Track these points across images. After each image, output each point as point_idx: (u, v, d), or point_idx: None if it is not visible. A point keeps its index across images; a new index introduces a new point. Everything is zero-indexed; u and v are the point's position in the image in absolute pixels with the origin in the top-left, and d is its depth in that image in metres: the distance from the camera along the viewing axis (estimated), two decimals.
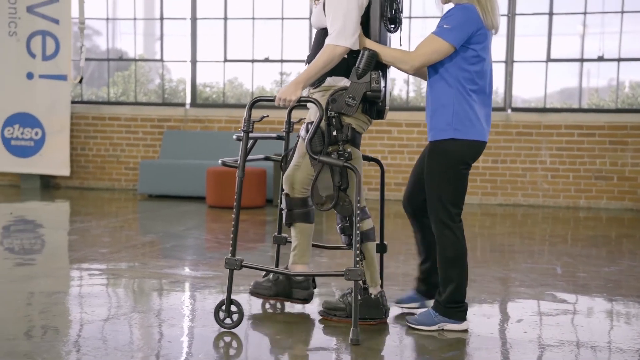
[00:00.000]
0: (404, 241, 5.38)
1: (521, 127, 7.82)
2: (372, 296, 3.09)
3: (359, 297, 2.94)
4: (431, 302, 3.14)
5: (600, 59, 7.90)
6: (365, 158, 3.36)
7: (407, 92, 8.28)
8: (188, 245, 5.08)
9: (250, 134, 3.01)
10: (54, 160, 8.32)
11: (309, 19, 8.20)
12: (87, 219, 6.10)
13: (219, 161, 3.20)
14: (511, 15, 7.87)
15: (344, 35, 2.87)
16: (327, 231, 5.88)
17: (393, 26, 3.04)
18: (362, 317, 2.99)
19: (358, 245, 2.85)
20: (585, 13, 7.87)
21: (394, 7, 3.01)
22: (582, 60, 7.98)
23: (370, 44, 2.93)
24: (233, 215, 3.02)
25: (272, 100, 2.97)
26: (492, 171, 7.88)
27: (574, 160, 7.74)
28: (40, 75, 8.19)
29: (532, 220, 6.74)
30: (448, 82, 2.85)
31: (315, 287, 3.38)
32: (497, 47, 7.97)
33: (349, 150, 2.91)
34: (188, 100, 8.61)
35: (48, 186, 8.59)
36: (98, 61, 9.23)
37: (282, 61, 8.40)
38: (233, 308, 2.98)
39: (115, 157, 8.61)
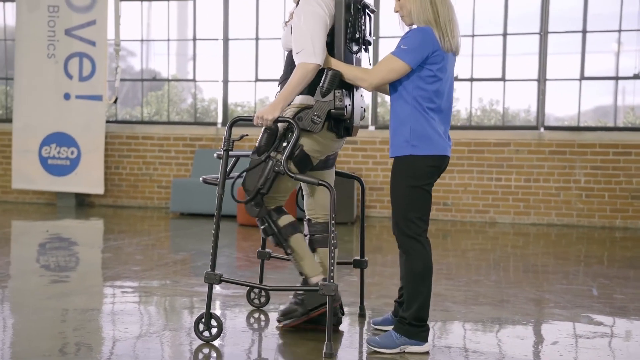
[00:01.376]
0: (436, 260, 5.32)
1: (554, 146, 7.72)
2: (315, 285, 3.12)
3: (302, 295, 3.13)
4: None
5: (636, 76, 7.77)
6: (345, 175, 3.53)
7: None
8: (219, 263, 5.10)
9: (231, 152, 3.11)
10: (88, 178, 8.47)
11: None
12: (120, 237, 6.18)
13: (200, 179, 3.28)
14: (543, 33, 7.81)
15: (313, 53, 2.98)
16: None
17: (357, 47, 3.14)
18: (313, 308, 3.11)
19: (279, 242, 3.11)
20: (620, 31, 7.78)
21: (359, 29, 3.11)
22: (617, 78, 7.87)
23: (333, 63, 3.03)
24: (213, 231, 3.09)
25: (251, 120, 3.07)
26: (524, 190, 7.78)
27: (609, 179, 7.60)
28: (76, 96, 8.37)
29: (566, 240, 6.62)
30: (406, 100, 2.93)
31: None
32: (530, 65, 7.91)
33: (288, 171, 3.00)
34: (220, 119, 8.71)
35: (83, 204, 8.74)
36: (132, 81, 9.41)
37: None
38: (213, 322, 3.05)
39: (148, 176, 8.73)
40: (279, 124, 3.04)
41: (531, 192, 7.77)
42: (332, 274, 2.89)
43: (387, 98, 8.32)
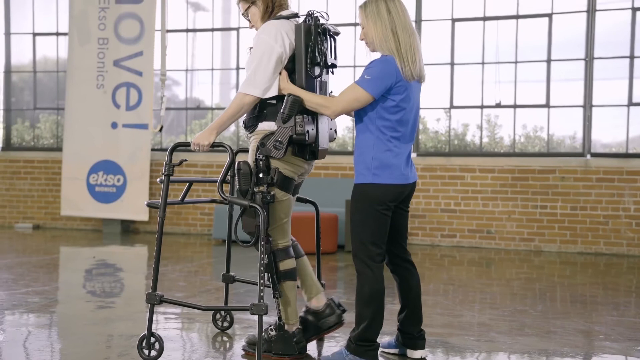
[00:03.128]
0: (480, 289, 5.24)
1: (601, 173, 7.55)
2: (288, 333, 3.21)
3: (274, 333, 3.20)
4: (411, 352, 3.25)
5: None
6: (301, 200, 3.60)
7: (481, 138, 8.18)
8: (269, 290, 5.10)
9: (186, 177, 3.23)
10: (133, 205, 8.63)
11: None
12: (163, 264, 6.26)
13: (145, 203, 3.38)
14: (589, 59, 7.70)
15: (253, 85, 3.05)
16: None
17: (319, 71, 3.17)
18: (277, 352, 3.18)
19: (273, 282, 3.15)
20: None
21: (321, 52, 3.13)
22: None
23: (294, 89, 3.06)
24: (154, 253, 3.15)
25: (189, 146, 3.17)
26: (570, 218, 7.61)
27: None
28: (123, 125, 8.59)
29: (615, 270, 6.42)
30: (369, 129, 2.99)
31: (341, 309, 3.40)
32: (575, 91, 7.79)
33: (272, 192, 3.07)
34: None
35: (128, 231, 8.90)
36: (177, 110, 9.61)
37: None
38: (153, 341, 3.15)
39: (191, 203, 8.84)
40: (250, 163, 3.11)
41: (578, 220, 7.59)
42: (261, 294, 2.97)
43: (428, 124, 8.33)
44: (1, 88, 9.57)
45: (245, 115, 3.22)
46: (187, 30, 9.07)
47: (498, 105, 8.06)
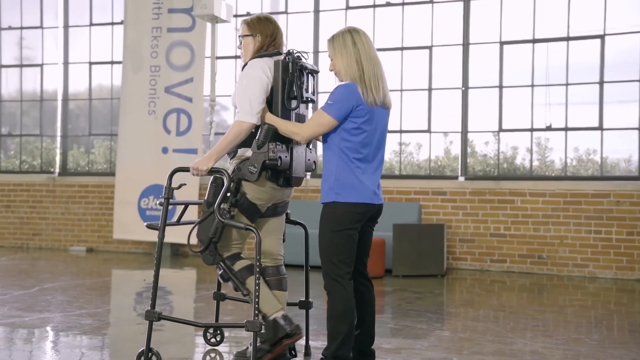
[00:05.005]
0: (532, 316, 5.10)
1: None
2: (272, 320, 3.35)
3: (264, 324, 3.33)
4: None
5: None
6: (291, 222, 3.78)
7: (531, 161, 8.03)
8: (310, 314, 5.09)
9: (183, 200, 3.54)
10: (183, 229, 8.73)
11: (427, 89, 8.26)
12: (212, 287, 6.32)
13: (145, 224, 3.57)
14: None
15: (249, 113, 3.31)
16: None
17: (295, 104, 3.41)
18: (273, 343, 3.32)
19: (236, 285, 3.34)
20: None
21: (297, 87, 3.38)
22: None
23: (270, 118, 3.32)
24: (153, 272, 3.39)
25: (188, 171, 3.39)
26: (627, 244, 7.36)
27: None
28: (174, 150, 8.77)
29: None
30: (333, 150, 3.19)
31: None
32: (629, 113, 7.60)
33: (232, 213, 3.30)
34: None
35: (177, 254, 9.03)
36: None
37: (400, 132, 8.47)
38: (150, 356, 3.31)
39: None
40: (224, 180, 3.30)
41: (635, 246, 7.34)
42: (257, 312, 3.12)
43: (476, 148, 8.24)
44: (59, 115, 9.92)
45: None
46: (236, 57, 9.25)
47: (549, 128, 7.92)
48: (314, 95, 3.59)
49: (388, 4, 8.45)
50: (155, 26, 8.71)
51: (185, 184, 3.63)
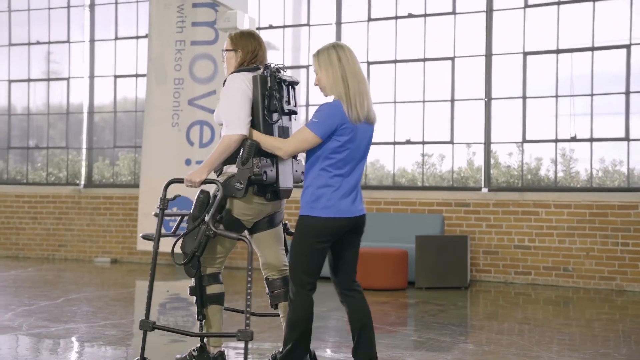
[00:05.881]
0: (557, 330, 5.03)
1: None
2: (209, 355, 3.44)
3: (196, 354, 3.46)
4: None
5: None
6: (290, 234, 3.70)
7: (555, 172, 7.95)
8: (330, 326, 5.08)
9: (178, 212, 3.63)
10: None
11: (450, 100, 8.24)
12: (234, 299, 6.33)
13: (140, 235, 3.58)
14: None
15: (238, 125, 3.36)
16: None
17: (276, 117, 3.45)
18: None
19: (198, 305, 3.45)
20: None
21: (277, 101, 3.42)
22: None
23: (252, 133, 3.39)
24: (148, 282, 3.51)
25: (182, 182, 3.45)
26: None
27: None
28: (197, 162, 8.83)
29: None
30: (315, 166, 3.23)
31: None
32: None
33: (215, 229, 3.34)
34: None
35: None
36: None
37: (423, 143, 8.45)
38: None
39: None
40: (210, 192, 3.39)
41: None
42: (247, 321, 3.22)
43: (500, 159, 8.17)
44: (85, 128, 10.07)
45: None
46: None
47: (573, 139, 7.83)
48: (295, 107, 3.64)
49: (410, 16, 8.46)
50: (179, 39, 8.81)
51: (180, 195, 3.71)
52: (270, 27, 9.22)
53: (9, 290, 6.67)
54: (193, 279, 3.52)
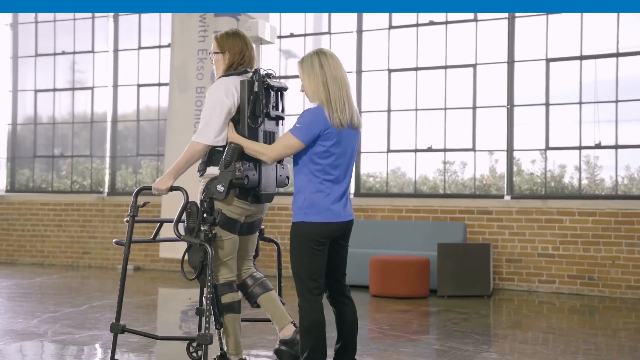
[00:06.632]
0: (583, 339, 4.96)
1: None
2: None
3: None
4: None
5: None
6: (264, 239, 3.90)
7: (579, 180, 7.85)
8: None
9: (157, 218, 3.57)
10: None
11: (472, 108, 8.19)
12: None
13: (113, 241, 3.73)
14: None
15: (204, 134, 3.41)
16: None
17: (259, 120, 3.47)
18: None
19: (215, 314, 3.44)
20: None
21: (263, 105, 3.45)
22: None
23: (237, 138, 3.42)
24: (119, 286, 3.66)
25: (150, 189, 3.49)
26: None
27: None
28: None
29: None
30: (303, 171, 3.26)
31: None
32: None
33: (214, 231, 3.38)
34: (352, 190, 8.84)
35: None
36: None
37: (445, 150, 8.41)
38: None
39: (283, 245, 8.96)
40: (197, 204, 3.44)
41: None
42: (207, 325, 3.29)
43: (523, 167, 8.10)
44: (108, 136, 10.19)
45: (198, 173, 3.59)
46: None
47: (598, 146, 7.74)
48: (283, 112, 3.66)
49: (431, 23, 8.45)
50: (201, 48, 8.89)
51: (149, 202, 3.78)
52: (292, 35, 9.26)
53: (34, 297, 6.76)
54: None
